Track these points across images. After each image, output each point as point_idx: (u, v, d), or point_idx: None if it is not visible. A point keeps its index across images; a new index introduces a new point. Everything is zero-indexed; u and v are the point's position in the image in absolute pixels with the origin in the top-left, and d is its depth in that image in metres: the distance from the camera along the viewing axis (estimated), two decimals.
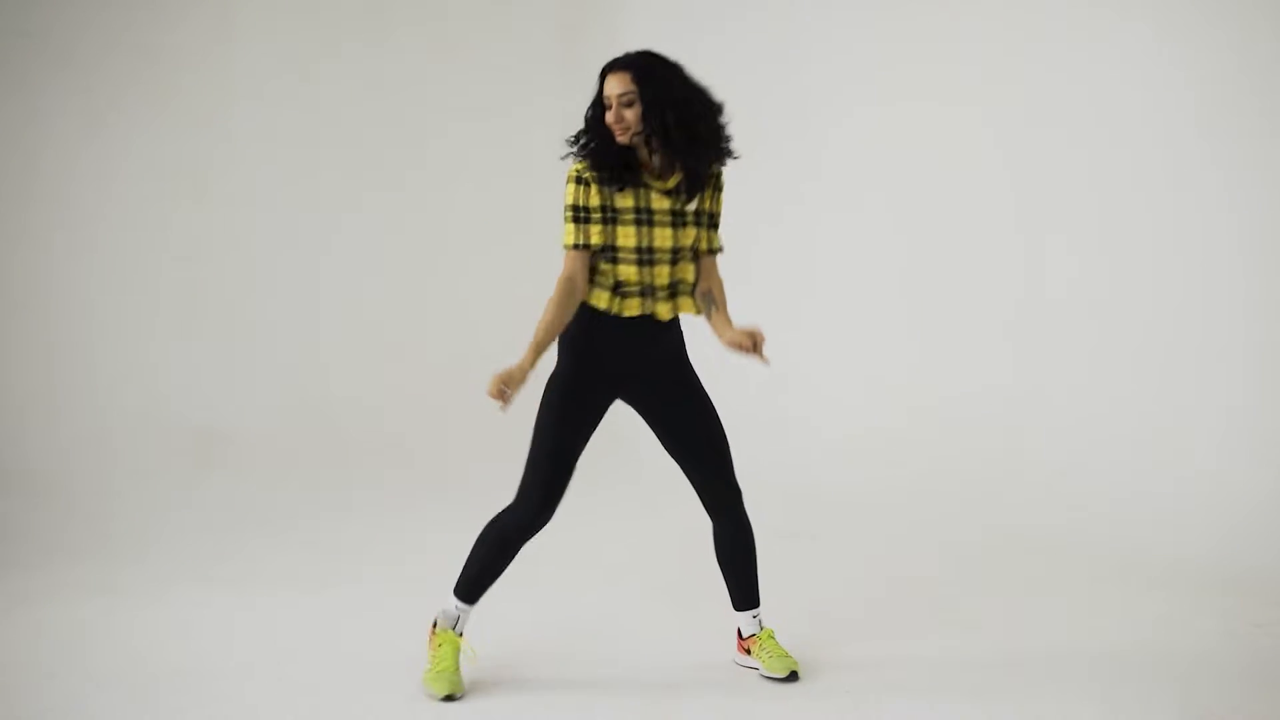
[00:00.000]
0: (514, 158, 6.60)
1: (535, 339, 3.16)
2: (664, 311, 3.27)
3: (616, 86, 3.15)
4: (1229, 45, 4.78)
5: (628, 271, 3.21)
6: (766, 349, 3.26)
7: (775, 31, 6.22)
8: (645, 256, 3.22)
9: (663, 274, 3.25)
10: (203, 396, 5.92)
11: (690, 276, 3.31)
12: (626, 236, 3.20)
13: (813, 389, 6.08)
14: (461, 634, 3.33)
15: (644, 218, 3.21)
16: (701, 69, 3.29)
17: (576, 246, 3.18)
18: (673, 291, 3.29)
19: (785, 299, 6.17)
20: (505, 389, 3.08)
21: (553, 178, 4.35)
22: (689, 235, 3.26)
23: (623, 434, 4.36)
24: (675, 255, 3.26)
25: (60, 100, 5.67)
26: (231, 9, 6.06)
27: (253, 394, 6.01)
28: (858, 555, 4.73)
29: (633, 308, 3.23)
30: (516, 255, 6.44)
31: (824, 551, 4.79)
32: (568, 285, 3.19)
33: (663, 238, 3.23)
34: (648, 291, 3.23)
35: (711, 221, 3.32)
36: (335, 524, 5.13)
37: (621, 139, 3.16)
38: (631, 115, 3.14)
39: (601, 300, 3.21)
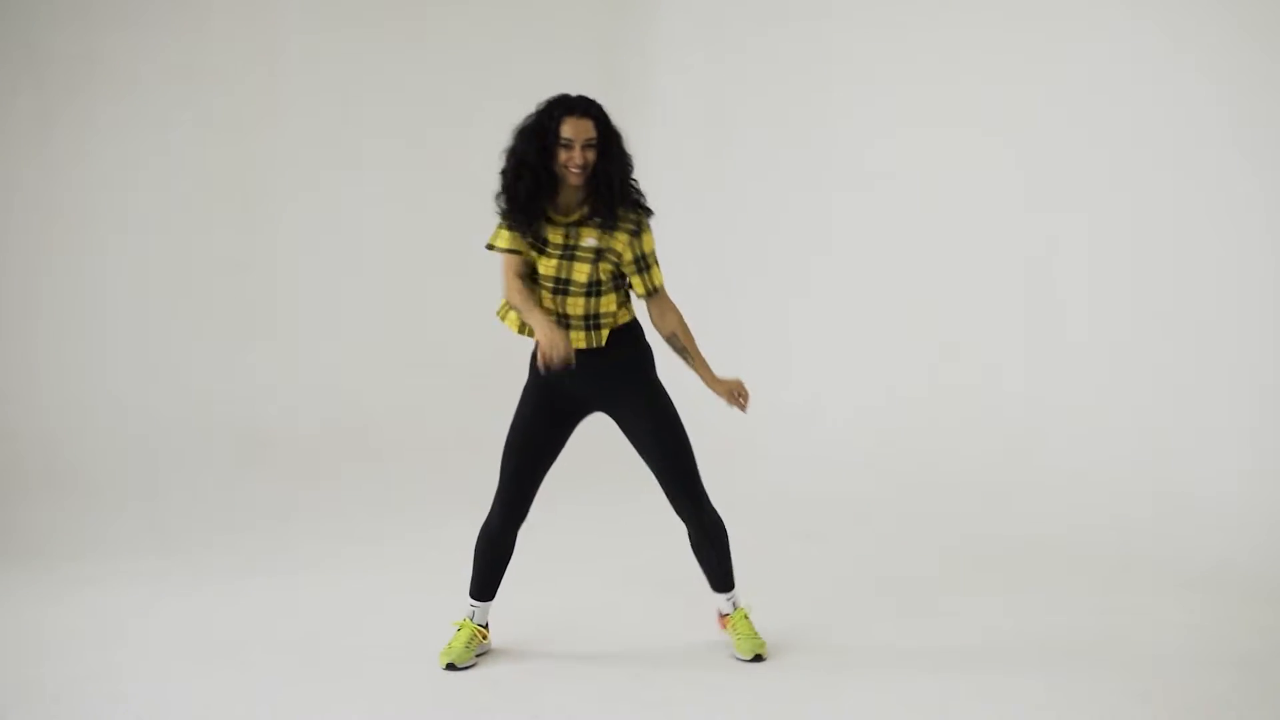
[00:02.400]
0: None
1: (530, 312, 3.45)
2: (577, 341, 3.50)
3: (583, 131, 3.40)
4: (1246, 48, 4.92)
5: (539, 298, 3.50)
6: (750, 401, 3.60)
7: (801, 36, 6.42)
8: (562, 287, 3.48)
9: (558, 303, 3.49)
10: (244, 399, 6.24)
11: (609, 308, 3.52)
12: (546, 267, 3.48)
13: (817, 390, 6.28)
14: (483, 624, 3.68)
15: (536, 247, 3.49)
16: (732, 68, 3.44)
17: (510, 250, 3.50)
18: (590, 324, 3.51)
19: (794, 298, 6.43)
20: (556, 353, 3.35)
21: None
22: (581, 271, 3.46)
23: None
24: (564, 286, 3.48)
25: (118, 117, 6.06)
26: (273, 22, 6.36)
27: (291, 396, 6.33)
28: (850, 554, 4.93)
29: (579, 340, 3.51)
30: None
31: (818, 550, 5.01)
32: (518, 283, 3.51)
33: (547, 266, 3.48)
34: (556, 322, 3.48)
35: (643, 264, 3.52)
36: (367, 518, 5.43)
37: (576, 180, 3.41)
38: (591, 156, 3.40)
39: (515, 323, 3.54)
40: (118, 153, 6.10)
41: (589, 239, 3.48)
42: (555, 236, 3.48)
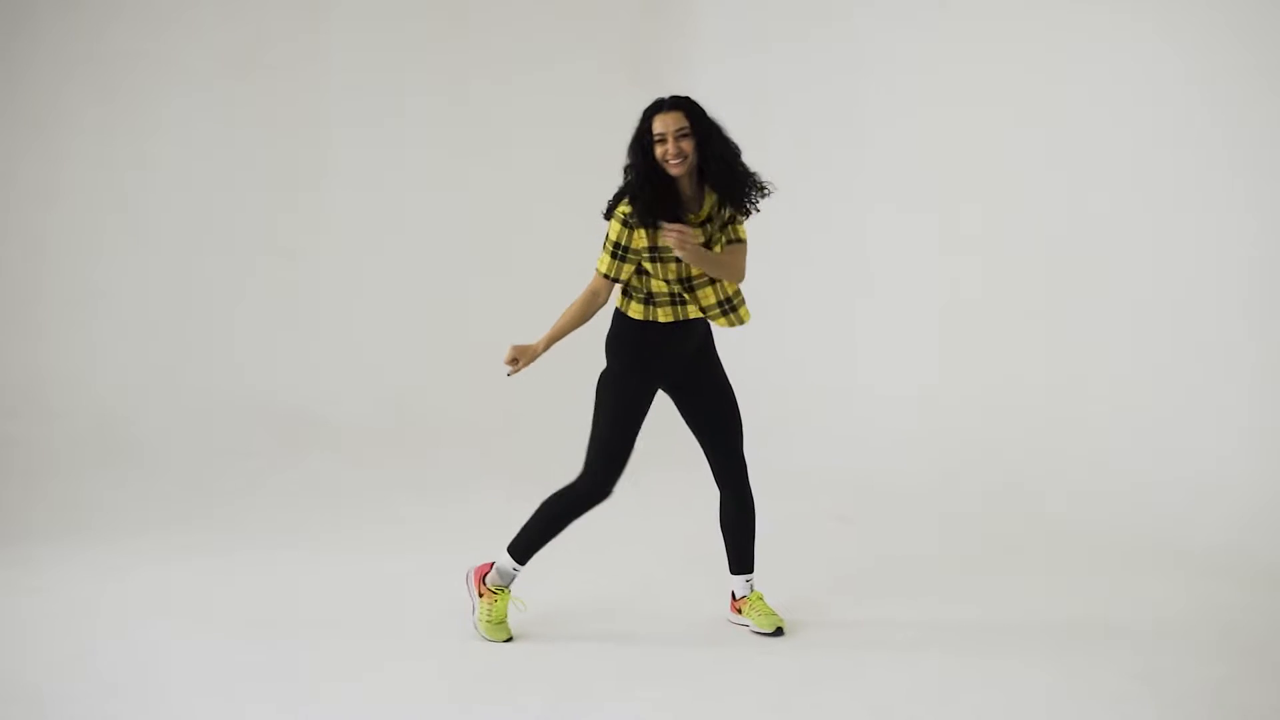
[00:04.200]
0: (586, 165, 6.97)
1: (552, 331, 3.71)
2: (693, 312, 3.73)
3: (672, 123, 3.58)
4: (1234, 52, 5.05)
5: (662, 285, 3.67)
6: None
7: (837, 35, 6.58)
8: (687, 284, 3.69)
9: (706, 295, 3.71)
10: (290, 382, 6.52)
11: (732, 287, 3.73)
12: (670, 271, 3.66)
13: (858, 380, 6.44)
14: (510, 589, 3.83)
15: (659, 255, 3.64)
16: (765, 78, 3.55)
17: (607, 277, 3.68)
18: (726, 309, 3.73)
19: (837, 296, 6.60)
20: (518, 360, 3.68)
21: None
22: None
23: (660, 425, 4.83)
24: (689, 283, 3.70)
25: (177, 113, 6.40)
26: (316, 13, 6.65)
27: (337, 380, 6.60)
28: (872, 536, 5.12)
29: (666, 315, 3.71)
30: (578, 254, 6.83)
31: (848, 532, 5.20)
32: (591, 298, 3.70)
33: (669, 271, 3.66)
34: (678, 300, 3.70)
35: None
36: (409, 498, 5.64)
37: (677, 170, 3.58)
38: (688, 146, 3.59)
39: (638, 312, 3.71)
40: (173, 143, 6.42)
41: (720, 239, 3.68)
42: (695, 236, 3.63)
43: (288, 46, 6.61)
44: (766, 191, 3.70)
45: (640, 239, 3.61)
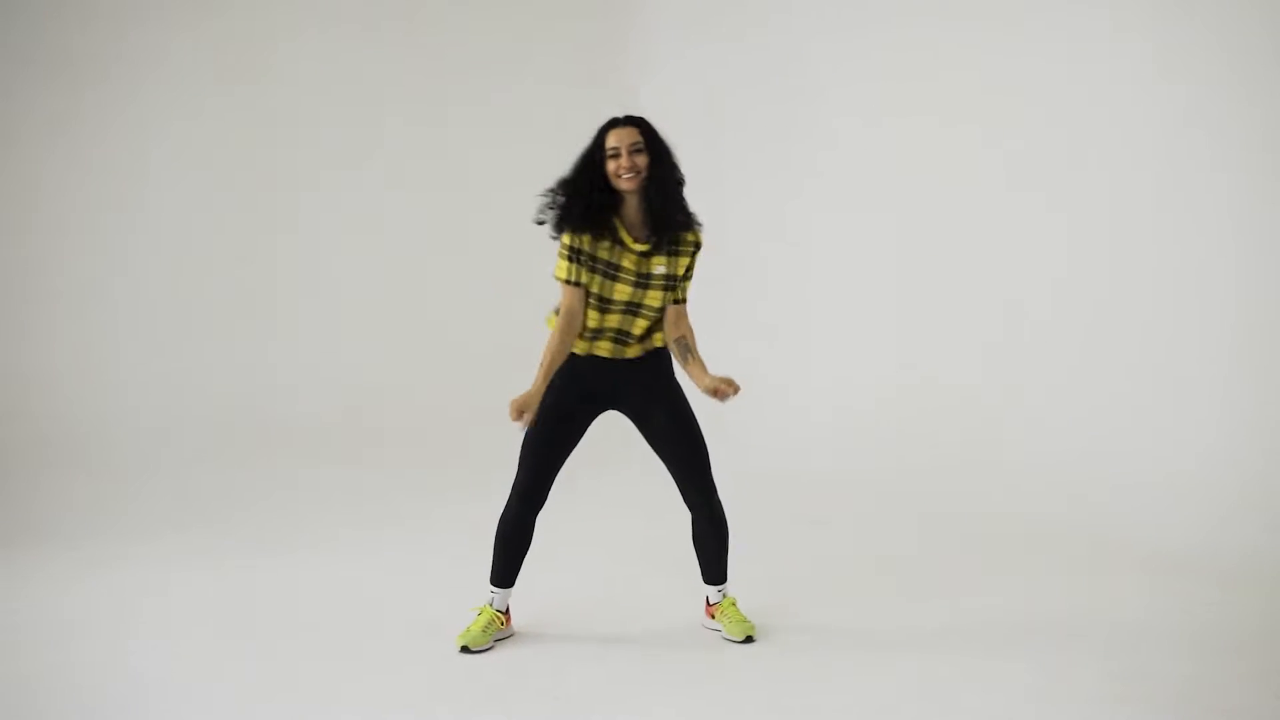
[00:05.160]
0: (534, 164, 7.06)
1: (542, 365, 3.67)
2: (632, 353, 3.73)
3: (627, 138, 3.59)
4: (1218, 51, 5.07)
5: (593, 317, 3.67)
6: (737, 396, 3.69)
7: (783, 40, 6.63)
8: (604, 305, 3.67)
9: (624, 322, 3.69)
10: (253, 387, 6.53)
11: (643, 327, 3.72)
12: (595, 285, 3.65)
13: (811, 381, 6.48)
14: (503, 610, 3.82)
15: (611, 272, 3.65)
16: (715, 78, 3.56)
17: (569, 282, 3.64)
18: (646, 338, 3.73)
19: (787, 298, 6.64)
20: (524, 411, 3.61)
21: None
22: (655, 297, 3.69)
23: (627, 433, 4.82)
24: (634, 309, 3.68)
25: (131, 114, 6.37)
26: (279, 23, 6.67)
27: (300, 385, 6.63)
28: (839, 537, 5.14)
29: (603, 350, 3.70)
30: (533, 255, 6.85)
31: (812, 534, 5.20)
32: (569, 317, 3.66)
33: (622, 292, 3.66)
34: (615, 337, 3.69)
35: (685, 278, 3.74)
36: (376, 504, 5.63)
37: (628, 184, 3.58)
38: (642, 161, 3.59)
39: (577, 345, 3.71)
40: (130, 149, 6.41)
41: (659, 267, 3.66)
42: (628, 263, 3.64)
43: (250, 50, 6.62)
44: (694, 224, 3.69)
45: (589, 242, 3.61)
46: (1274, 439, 4.90)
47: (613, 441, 4.76)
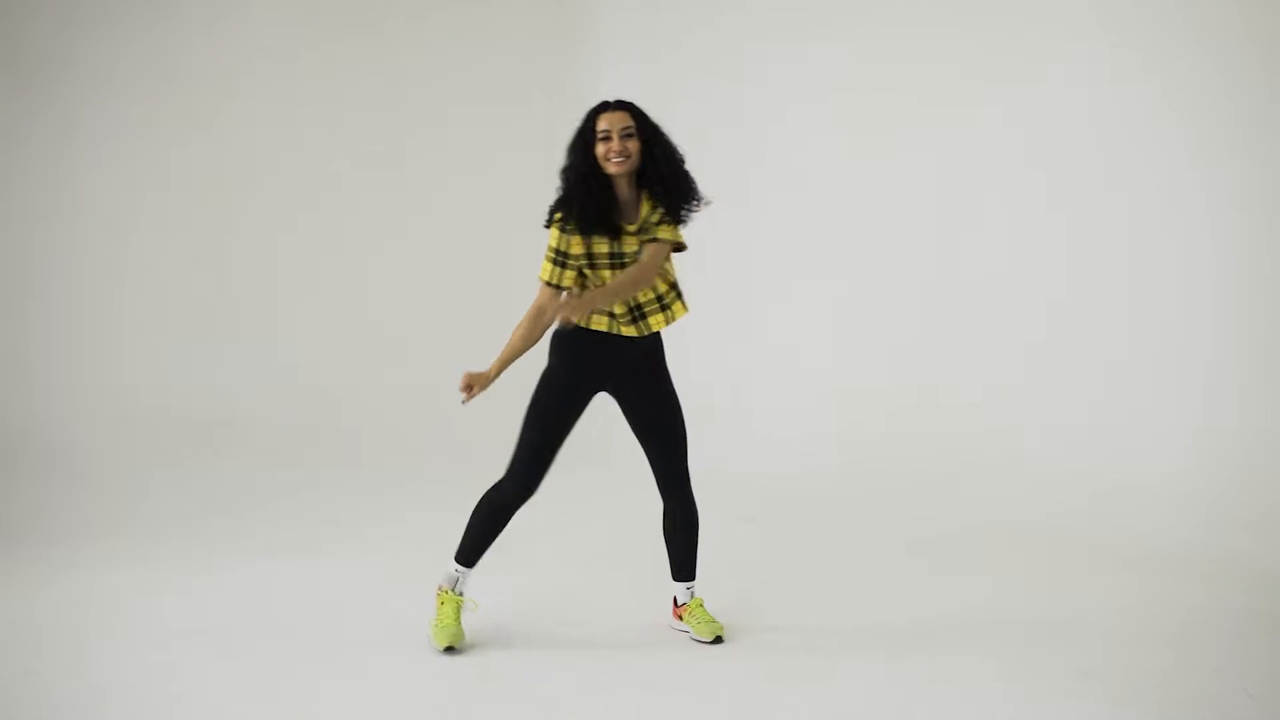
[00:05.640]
0: (507, 165, 7.08)
1: (503, 355, 3.61)
2: (629, 331, 3.65)
3: (617, 121, 3.54)
4: (1207, 55, 5.12)
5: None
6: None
7: (740, 34, 6.64)
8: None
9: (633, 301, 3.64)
10: (217, 389, 6.43)
11: (655, 292, 3.67)
12: (603, 279, 3.59)
13: (771, 388, 6.48)
14: (462, 594, 3.74)
15: (617, 261, 3.59)
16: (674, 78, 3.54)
17: (550, 284, 3.58)
18: (640, 314, 3.65)
19: (748, 302, 6.62)
20: (472, 386, 3.55)
21: (544, 183, 4.53)
22: (631, 257, 3.62)
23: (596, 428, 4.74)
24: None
25: (91, 118, 6.17)
26: (248, 28, 6.55)
27: (261, 387, 6.52)
28: (797, 538, 5.13)
29: (602, 324, 3.63)
30: (504, 257, 6.86)
31: (768, 535, 5.19)
32: (536, 314, 3.60)
33: (604, 278, 3.59)
34: (619, 315, 3.63)
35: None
36: (337, 501, 5.66)
37: (617, 168, 3.52)
38: (632, 146, 3.53)
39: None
40: (97, 152, 6.21)
41: (635, 246, 3.60)
42: (630, 246, 3.59)
43: (207, 51, 6.48)
44: (705, 202, 3.66)
45: (577, 245, 3.55)
46: (1254, 441, 5.01)
47: (587, 443, 4.69)
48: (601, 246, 3.58)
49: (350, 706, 3.30)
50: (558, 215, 3.56)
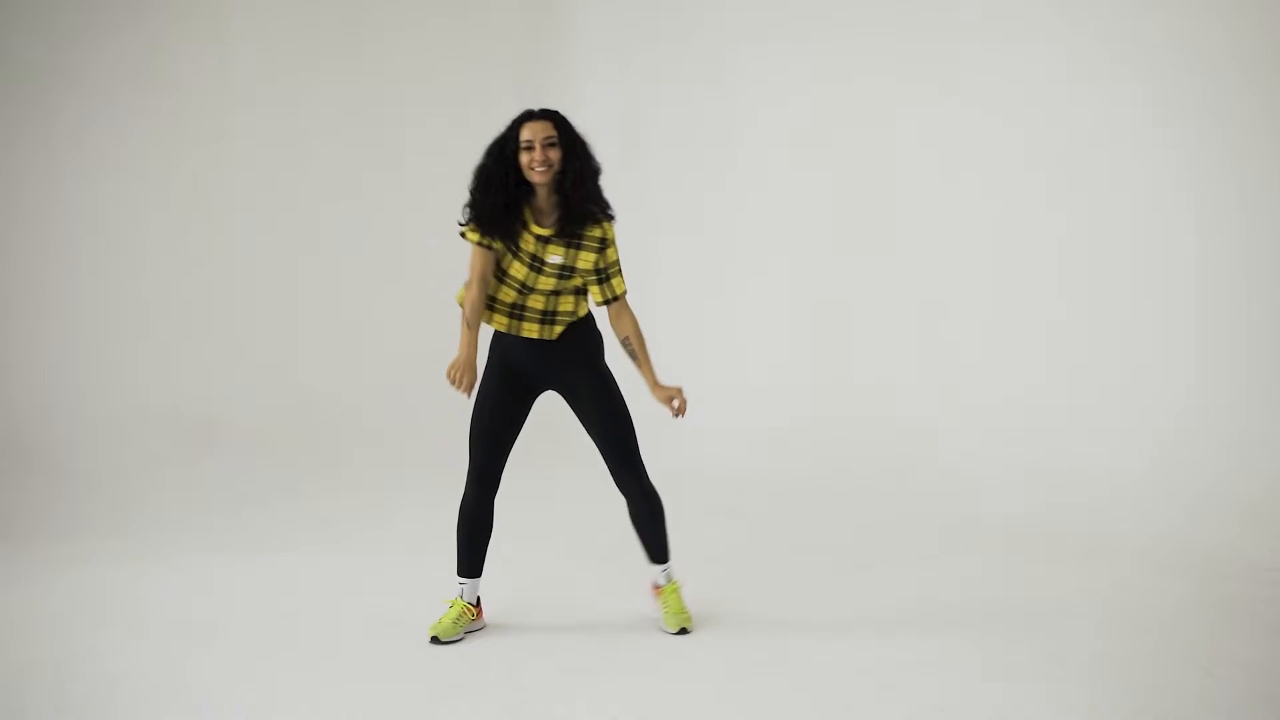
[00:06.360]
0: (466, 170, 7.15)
1: (467, 328, 3.66)
2: (531, 332, 3.71)
3: (540, 131, 3.60)
4: (1181, 67, 5.27)
5: (504, 292, 3.69)
6: (687, 410, 3.81)
7: (713, 42, 6.76)
8: (500, 276, 3.68)
9: (520, 298, 3.68)
10: (203, 390, 6.50)
11: (566, 307, 3.73)
12: (518, 271, 3.65)
13: (747, 384, 6.58)
14: (471, 602, 3.81)
15: (511, 249, 3.65)
16: (645, 76, 3.58)
17: (480, 243, 3.65)
18: (546, 319, 3.71)
19: (711, 295, 6.77)
20: (462, 375, 3.62)
21: None
22: (547, 283, 3.68)
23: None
24: (527, 291, 3.68)
25: (80, 124, 6.24)
26: (225, 34, 6.64)
27: (246, 387, 6.60)
28: (779, 529, 5.24)
29: (500, 324, 3.71)
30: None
31: (750, 525, 5.29)
32: (481, 282, 3.68)
33: (517, 270, 3.67)
34: (513, 312, 3.69)
35: (604, 275, 3.75)
36: (321, 500, 5.73)
37: (540, 178, 3.59)
38: (554, 155, 3.58)
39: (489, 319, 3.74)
40: (79, 155, 6.25)
41: (554, 256, 3.64)
42: (528, 245, 3.64)
43: (185, 55, 6.54)
44: (609, 215, 3.71)
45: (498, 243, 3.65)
46: (1238, 436, 5.14)
47: (569, 431, 4.69)
48: (528, 245, 3.63)
49: (335, 696, 3.32)
50: (469, 233, 3.64)
